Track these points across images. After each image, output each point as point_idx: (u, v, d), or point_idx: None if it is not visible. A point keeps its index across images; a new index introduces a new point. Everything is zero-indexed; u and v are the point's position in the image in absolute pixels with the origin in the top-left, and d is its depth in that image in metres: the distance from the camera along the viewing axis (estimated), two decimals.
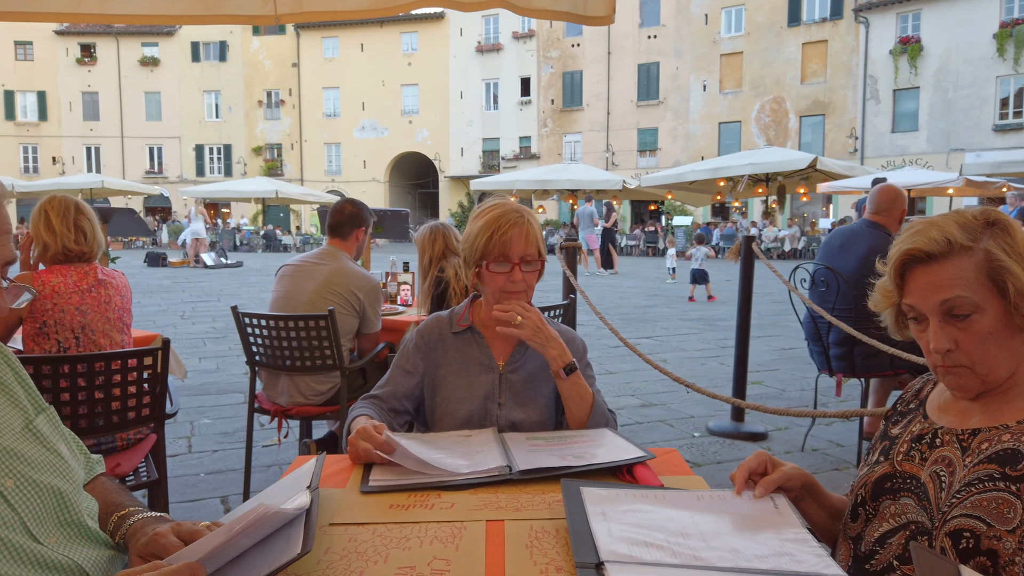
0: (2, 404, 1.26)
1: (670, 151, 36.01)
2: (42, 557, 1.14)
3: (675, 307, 12.27)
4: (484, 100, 40.21)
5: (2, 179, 1.60)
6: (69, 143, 41.98)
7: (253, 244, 32.92)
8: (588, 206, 18.46)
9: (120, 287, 2.90)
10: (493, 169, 38.38)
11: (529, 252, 1.88)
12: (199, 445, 4.53)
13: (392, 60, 40.89)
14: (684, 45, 35.45)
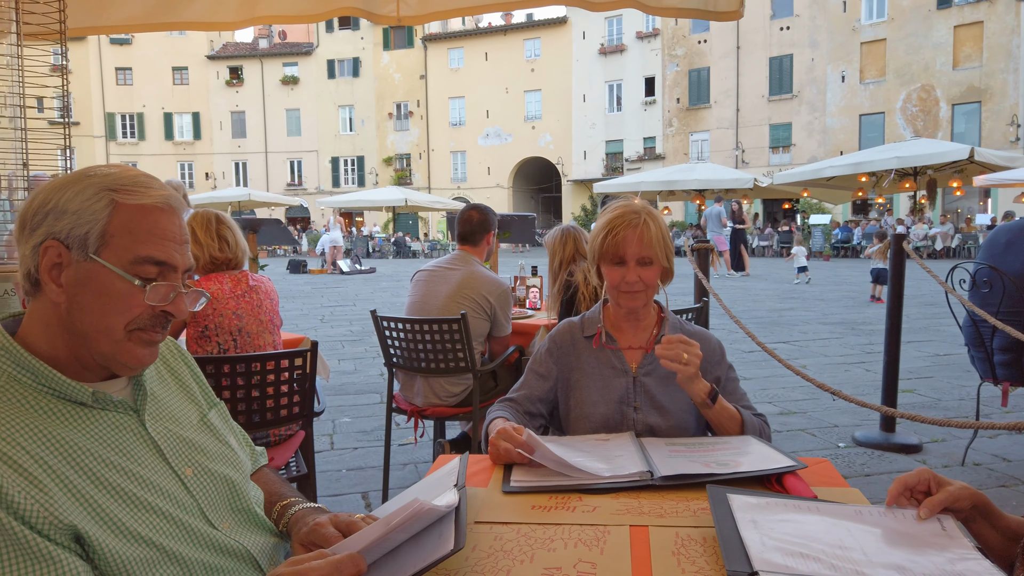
0: (181, 399, 1.39)
1: (805, 146, 34.33)
2: (216, 541, 1.24)
3: (813, 310, 11.66)
4: (607, 102, 39.99)
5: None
6: (220, 159, 45.51)
7: (384, 251, 34.34)
8: (717, 206, 17.91)
9: (269, 292, 3.11)
10: (616, 171, 38.05)
11: (645, 254, 1.87)
12: (340, 443, 4.77)
13: (515, 67, 41.51)
14: (820, 35, 33.71)
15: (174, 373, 1.41)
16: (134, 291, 1.15)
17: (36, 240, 1.15)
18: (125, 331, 1.16)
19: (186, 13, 3.14)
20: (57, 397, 1.16)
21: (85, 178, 1.18)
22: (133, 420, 1.23)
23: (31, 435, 1.09)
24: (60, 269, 1.15)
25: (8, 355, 1.16)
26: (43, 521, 1.04)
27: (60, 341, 1.17)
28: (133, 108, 44.74)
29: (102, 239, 1.14)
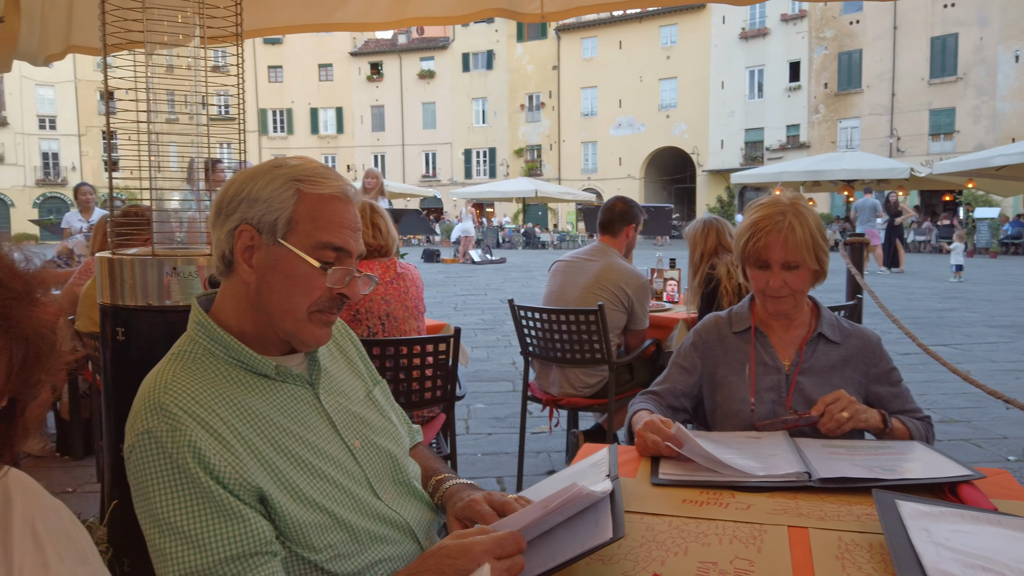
0: (349, 375, 1.48)
1: (971, 133, 31.46)
2: (380, 512, 1.32)
3: (979, 311, 10.71)
4: (747, 89, 38.39)
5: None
6: (360, 152, 47.72)
7: (514, 241, 34.81)
8: (868, 198, 16.79)
9: (415, 279, 3.24)
10: (756, 161, 36.51)
11: (791, 258, 1.79)
12: (475, 428, 4.91)
13: (650, 55, 40.70)
14: (991, 11, 30.71)
15: (342, 351, 1.51)
16: (315, 274, 1.24)
17: (231, 225, 1.26)
18: (307, 312, 1.26)
19: (339, 15, 3.32)
20: (244, 369, 1.27)
21: (274, 169, 1.28)
22: (309, 393, 1.33)
23: (223, 403, 1.21)
24: (252, 251, 1.25)
25: (204, 330, 1.28)
26: (234, 482, 1.15)
27: (248, 318, 1.29)
28: (283, 104, 47.74)
29: (289, 225, 1.24)
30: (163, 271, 2.24)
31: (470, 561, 0.99)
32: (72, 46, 3.30)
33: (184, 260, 2.27)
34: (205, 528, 1.11)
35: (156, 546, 1.12)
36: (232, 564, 1.11)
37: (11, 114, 41.40)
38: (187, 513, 1.12)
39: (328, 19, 3.35)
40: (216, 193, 1.35)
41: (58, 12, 3.23)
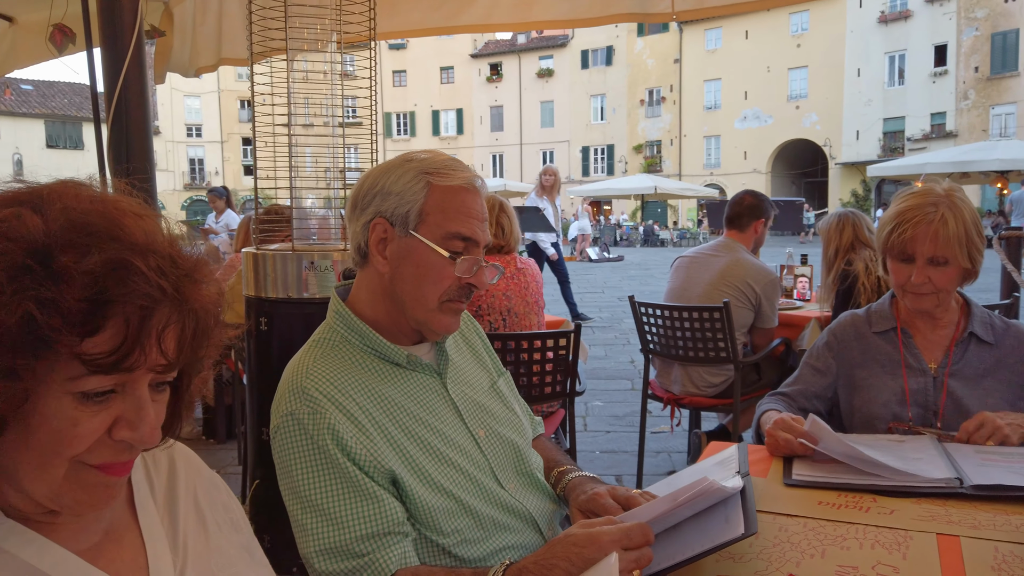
0: (474, 366, 1.52)
1: None
2: (503, 500, 1.34)
3: None
4: (886, 75, 35.98)
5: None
6: (479, 152, 48.59)
7: (632, 239, 34.34)
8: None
9: (535, 275, 3.26)
10: (896, 152, 34.16)
11: (939, 253, 1.65)
12: (593, 425, 4.89)
13: (779, 44, 38.96)
14: None
15: (468, 343, 1.55)
16: (445, 264, 1.28)
17: (366, 218, 1.32)
18: (437, 301, 1.30)
19: (464, 17, 3.38)
20: (377, 357, 1.33)
21: (405, 163, 1.33)
22: (436, 382, 1.38)
23: (359, 389, 1.27)
24: (385, 243, 1.31)
25: (341, 319, 1.35)
26: (369, 464, 1.20)
27: (382, 307, 1.34)
28: (406, 107, 49.37)
29: (419, 216, 1.28)
30: (301, 265, 2.38)
31: (597, 550, 0.99)
32: (223, 58, 3.56)
33: (320, 255, 2.41)
34: (342, 506, 1.17)
35: (298, 521, 1.20)
36: (367, 542, 1.16)
37: (163, 124, 45.11)
38: (326, 492, 1.18)
39: (453, 21, 3.43)
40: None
41: (208, 26, 3.48)
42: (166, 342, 0.69)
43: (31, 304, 0.61)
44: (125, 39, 2.39)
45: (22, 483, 0.68)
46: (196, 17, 3.45)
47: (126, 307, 0.65)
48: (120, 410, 0.69)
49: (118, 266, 0.65)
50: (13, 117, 41.56)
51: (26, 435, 0.66)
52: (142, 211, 0.72)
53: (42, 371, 0.64)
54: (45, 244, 0.64)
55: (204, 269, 0.74)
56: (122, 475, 0.72)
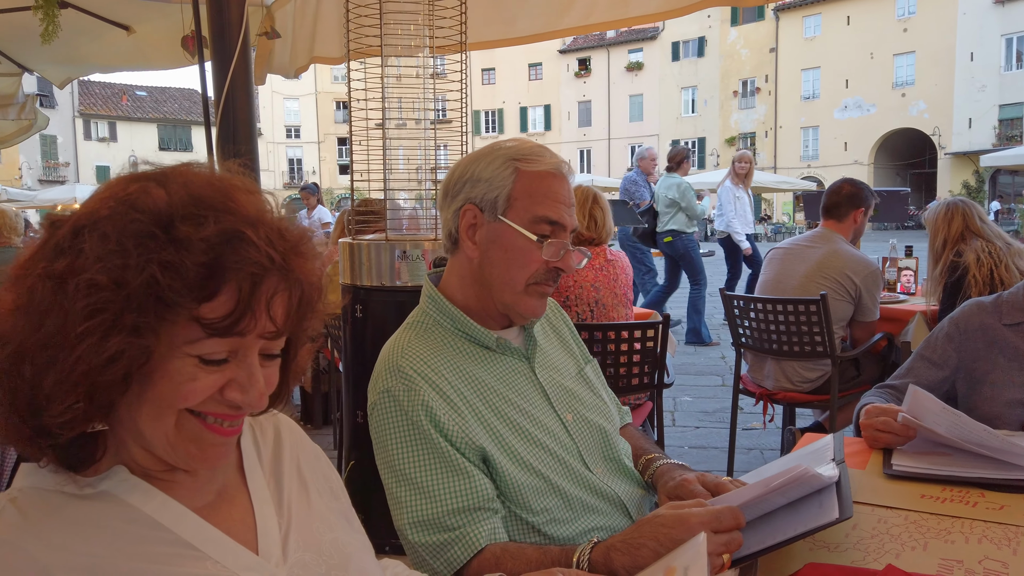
0: (561, 352, 1.53)
1: None
2: (591, 483, 1.35)
3: None
4: (1003, 59, 33.57)
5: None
6: (567, 148, 48.41)
7: None
8: None
9: (624, 266, 3.24)
10: (1013, 140, 31.82)
11: None
12: (681, 420, 4.81)
13: (883, 29, 36.98)
14: None
15: (555, 329, 1.57)
16: (532, 247, 1.30)
17: (456, 205, 1.36)
18: (525, 285, 1.32)
19: (566, 19, 3.35)
20: (468, 340, 1.36)
21: (494, 151, 1.36)
22: (524, 366, 1.40)
23: (450, 369, 1.31)
24: (475, 229, 1.34)
25: (434, 303, 1.39)
26: (461, 441, 1.24)
27: (472, 292, 1.38)
28: (494, 105, 49.76)
29: (508, 201, 1.31)
30: (394, 254, 2.46)
31: (686, 531, 0.99)
32: (315, 57, 3.69)
33: (412, 245, 2.48)
34: (435, 481, 1.21)
35: (392, 493, 1.25)
36: (458, 516, 1.20)
37: (264, 126, 47.21)
38: (420, 466, 1.22)
39: (556, 26, 3.38)
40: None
41: (305, 27, 3.63)
42: (275, 309, 0.74)
43: (155, 267, 0.67)
44: (232, 43, 2.53)
45: (142, 435, 0.74)
46: (296, 19, 3.59)
47: (238, 274, 0.70)
48: (233, 374, 0.74)
49: (231, 236, 0.70)
50: (129, 121, 44.50)
51: (146, 389, 0.72)
52: (253, 188, 0.78)
53: (164, 332, 0.70)
54: (168, 214, 0.70)
55: (308, 243, 0.79)
56: (230, 436, 0.78)
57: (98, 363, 0.67)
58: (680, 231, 7.06)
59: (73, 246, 0.69)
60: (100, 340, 0.67)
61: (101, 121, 43.88)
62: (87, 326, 0.66)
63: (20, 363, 0.69)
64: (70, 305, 0.67)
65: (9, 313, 0.70)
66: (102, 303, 0.67)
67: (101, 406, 0.71)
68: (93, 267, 0.67)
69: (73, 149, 42.16)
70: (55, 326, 0.67)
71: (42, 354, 0.68)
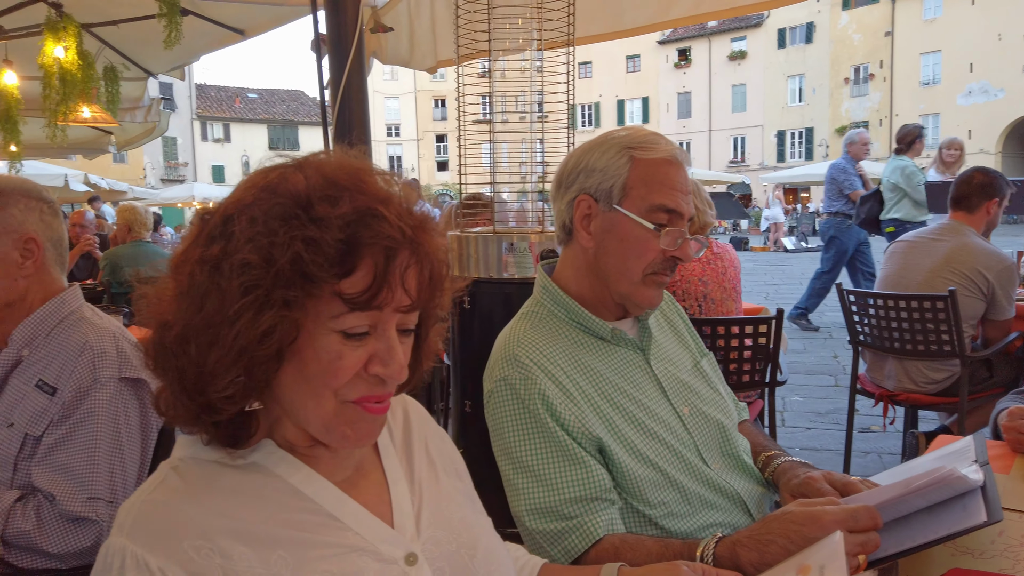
0: (676, 344, 1.50)
1: None
2: (710, 478, 1.32)
3: None
4: None
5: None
6: None
7: None
8: None
9: (732, 259, 3.14)
10: None
11: None
12: (791, 420, 4.64)
13: (1014, 8, 34.19)
14: None
15: (670, 321, 1.54)
16: (649, 236, 1.28)
17: (570, 196, 1.36)
18: (641, 274, 1.30)
19: (674, 10, 3.28)
20: (582, 330, 1.36)
21: (608, 140, 1.35)
22: (639, 357, 1.38)
23: (565, 358, 1.31)
24: (590, 219, 1.34)
25: (548, 293, 1.40)
26: (577, 430, 1.24)
27: (586, 283, 1.37)
28: (591, 98, 49.31)
29: (623, 191, 1.30)
30: (501, 247, 2.48)
31: (819, 529, 0.95)
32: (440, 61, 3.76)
33: (519, 237, 2.50)
34: (552, 469, 1.22)
35: (509, 480, 1.26)
36: (575, 505, 1.20)
37: None
38: (536, 454, 1.23)
39: (663, 17, 3.30)
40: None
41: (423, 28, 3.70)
42: (408, 282, 0.77)
43: (299, 244, 0.72)
44: (347, 43, 2.62)
45: (299, 415, 0.79)
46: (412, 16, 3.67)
47: (373, 249, 0.74)
48: (374, 348, 0.78)
49: (365, 213, 0.74)
50: (242, 123, 46.95)
51: (301, 368, 0.76)
52: (380, 171, 0.82)
53: (311, 308, 0.74)
54: (306, 196, 0.74)
55: (433, 221, 0.81)
56: (381, 413, 0.81)
57: (254, 338, 0.72)
58: (905, 220, 6.14)
59: (224, 232, 0.75)
60: (255, 316, 0.72)
61: (216, 123, 46.49)
62: (242, 302, 0.72)
63: (186, 344, 0.74)
64: (226, 284, 0.72)
65: (173, 299, 0.76)
66: (254, 280, 0.72)
67: (258, 382, 0.75)
68: (244, 248, 0.72)
69: (191, 150, 44.90)
70: (214, 306, 0.73)
71: (205, 333, 0.73)
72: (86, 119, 4.84)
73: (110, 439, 1.47)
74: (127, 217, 5.68)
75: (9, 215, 1.53)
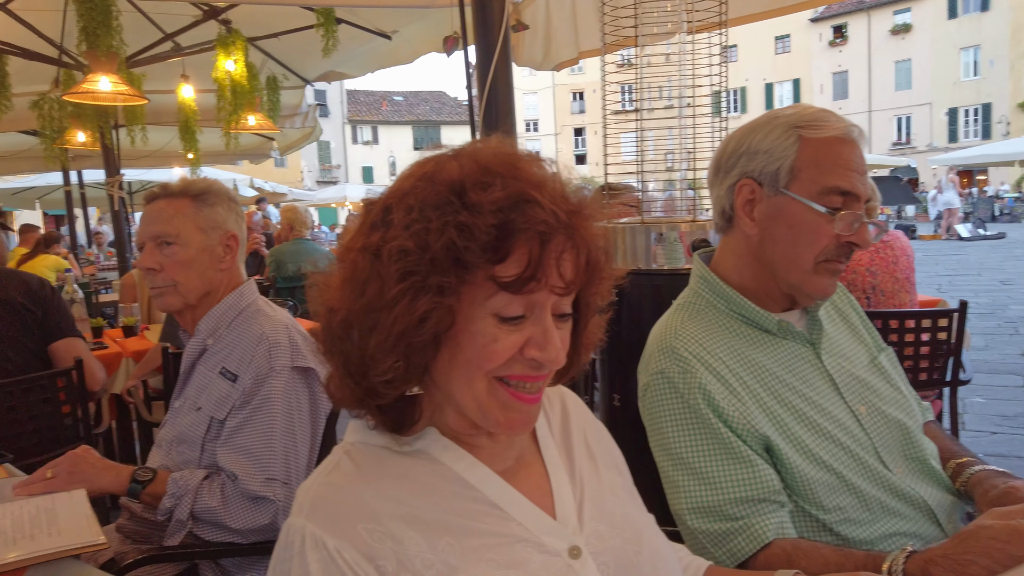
0: (850, 338, 1.39)
1: None
2: (890, 483, 1.21)
3: None
4: None
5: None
6: None
7: (1016, 213, 28.72)
8: None
9: (904, 247, 2.90)
10: None
11: None
12: (972, 424, 4.22)
13: None
14: None
15: (842, 314, 1.43)
16: (822, 221, 1.19)
17: (731, 180, 1.28)
18: (813, 262, 1.21)
19: None
20: (744, 322, 1.28)
21: (773, 120, 1.26)
22: (809, 352, 1.29)
23: (727, 352, 1.24)
24: (753, 205, 1.25)
25: (706, 283, 1.33)
26: (742, 427, 1.17)
27: (749, 272, 1.29)
28: (736, 83, 47.27)
29: (791, 173, 1.21)
30: (650, 237, 2.41)
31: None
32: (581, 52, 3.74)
33: (668, 227, 2.42)
34: (716, 467, 1.16)
35: (669, 477, 1.21)
36: (741, 506, 1.13)
37: None
38: (698, 451, 1.18)
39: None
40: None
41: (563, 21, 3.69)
42: (564, 267, 0.76)
43: (452, 230, 0.72)
44: (493, 40, 2.64)
45: (456, 399, 0.79)
46: (551, 13, 3.67)
47: (527, 234, 0.73)
48: (530, 333, 0.77)
49: (519, 198, 0.73)
50: (388, 125, 49.19)
51: (456, 352, 0.76)
52: (535, 157, 0.81)
53: (465, 293, 0.74)
54: (460, 182, 0.74)
55: (590, 207, 0.79)
56: (532, 403, 0.80)
57: (411, 323, 0.73)
58: None
59: (384, 221, 0.77)
60: (411, 301, 0.73)
61: (365, 126, 48.99)
62: (400, 288, 0.73)
63: (349, 329, 0.77)
64: (385, 271, 0.74)
65: (339, 286, 0.79)
66: (411, 266, 0.73)
67: (417, 367, 0.76)
68: (401, 235, 0.74)
69: (343, 152, 47.61)
70: (374, 292, 0.74)
71: (366, 318, 0.75)
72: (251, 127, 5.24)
73: (284, 424, 1.57)
74: (289, 217, 6.10)
75: (216, 212, 1.69)
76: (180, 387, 1.73)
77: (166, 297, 1.67)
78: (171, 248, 1.64)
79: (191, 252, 1.65)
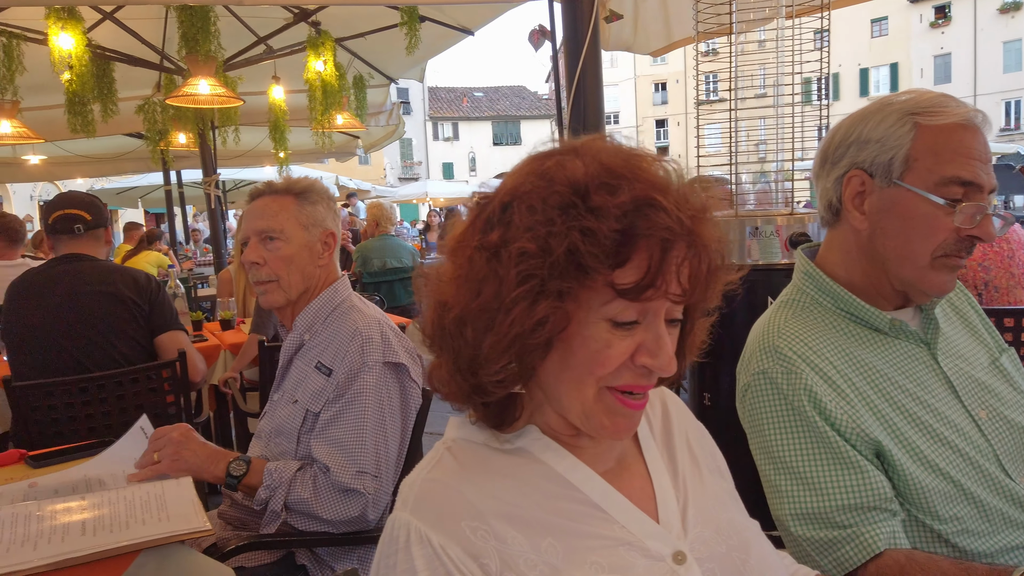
0: (968, 339, 1.30)
1: None
2: (1013, 492, 1.13)
3: None
4: None
5: None
6: None
7: None
8: None
9: (1021, 240, 2.70)
10: None
11: None
12: None
13: None
14: None
15: (959, 312, 1.34)
16: (940, 213, 1.12)
17: (839, 172, 1.22)
18: (930, 257, 1.14)
19: None
20: (853, 320, 1.22)
21: (886, 107, 1.19)
22: (924, 352, 1.21)
23: (834, 351, 1.17)
24: (863, 197, 1.19)
25: (811, 280, 1.27)
26: (850, 431, 1.11)
27: (858, 268, 1.23)
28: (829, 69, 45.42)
29: (906, 163, 1.14)
30: (745, 232, 2.33)
31: None
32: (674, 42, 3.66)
33: (764, 220, 2.33)
34: (821, 472, 1.11)
35: (771, 482, 1.16)
36: (849, 513, 1.08)
37: None
38: (802, 455, 1.12)
39: None
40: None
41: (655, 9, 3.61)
42: (683, 274, 0.73)
43: (576, 234, 0.69)
44: (583, 32, 2.60)
45: (561, 402, 0.77)
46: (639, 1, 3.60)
47: (649, 240, 0.70)
48: (642, 339, 0.74)
49: (643, 202, 0.70)
50: (468, 121, 49.57)
51: (567, 356, 0.75)
52: (656, 156, 0.77)
53: (583, 298, 0.72)
54: (584, 184, 0.72)
55: (712, 211, 0.75)
56: (639, 408, 0.77)
57: (528, 327, 0.71)
58: None
59: (503, 219, 0.74)
60: (530, 305, 0.71)
61: (446, 123, 49.54)
62: (519, 291, 0.71)
63: (463, 326, 0.75)
64: (504, 272, 0.72)
65: (451, 281, 0.77)
66: (531, 269, 0.71)
67: (527, 369, 0.75)
68: (523, 236, 0.71)
69: (424, 149, 48.31)
70: (492, 292, 0.73)
71: (481, 318, 0.74)
72: (339, 125, 5.37)
73: (376, 418, 1.60)
74: (375, 213, 6.23)
75: (317, 211, 1.74)
76: (279, 381, 1.78)
77: (270, 295, 1.72)
78: (275, 243, 1.69)
79: (293, 248, 1.70)
